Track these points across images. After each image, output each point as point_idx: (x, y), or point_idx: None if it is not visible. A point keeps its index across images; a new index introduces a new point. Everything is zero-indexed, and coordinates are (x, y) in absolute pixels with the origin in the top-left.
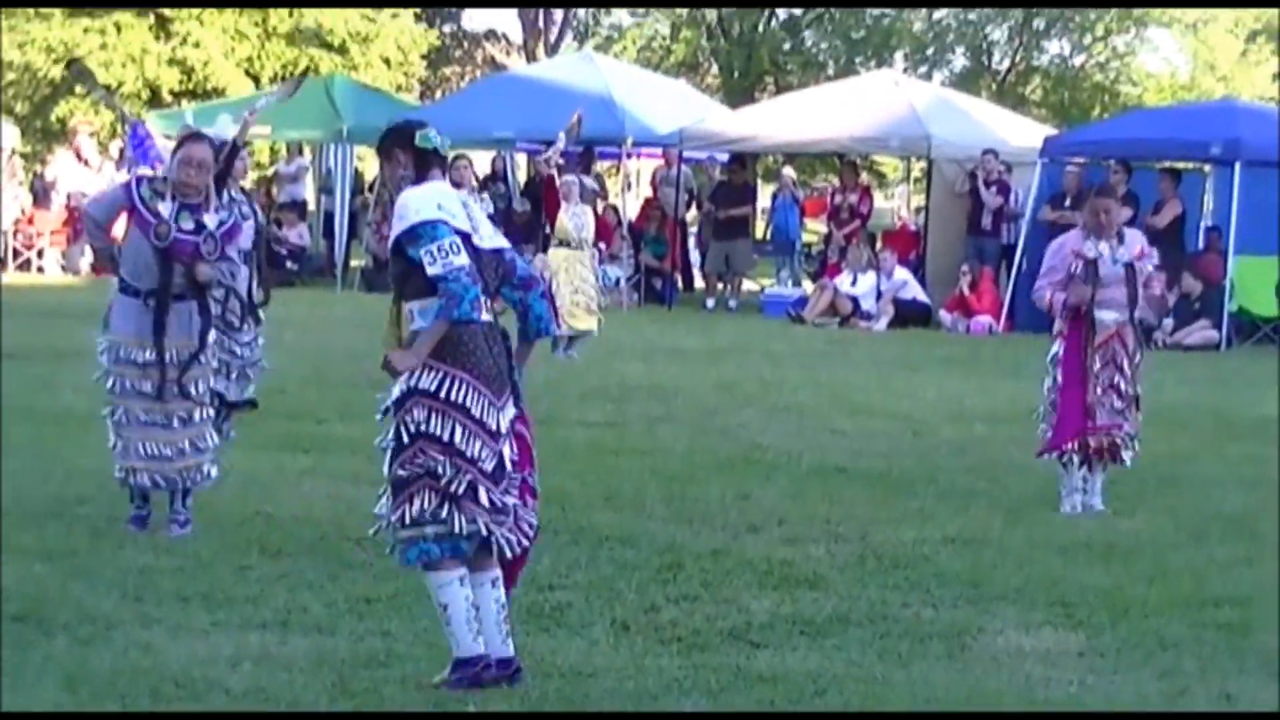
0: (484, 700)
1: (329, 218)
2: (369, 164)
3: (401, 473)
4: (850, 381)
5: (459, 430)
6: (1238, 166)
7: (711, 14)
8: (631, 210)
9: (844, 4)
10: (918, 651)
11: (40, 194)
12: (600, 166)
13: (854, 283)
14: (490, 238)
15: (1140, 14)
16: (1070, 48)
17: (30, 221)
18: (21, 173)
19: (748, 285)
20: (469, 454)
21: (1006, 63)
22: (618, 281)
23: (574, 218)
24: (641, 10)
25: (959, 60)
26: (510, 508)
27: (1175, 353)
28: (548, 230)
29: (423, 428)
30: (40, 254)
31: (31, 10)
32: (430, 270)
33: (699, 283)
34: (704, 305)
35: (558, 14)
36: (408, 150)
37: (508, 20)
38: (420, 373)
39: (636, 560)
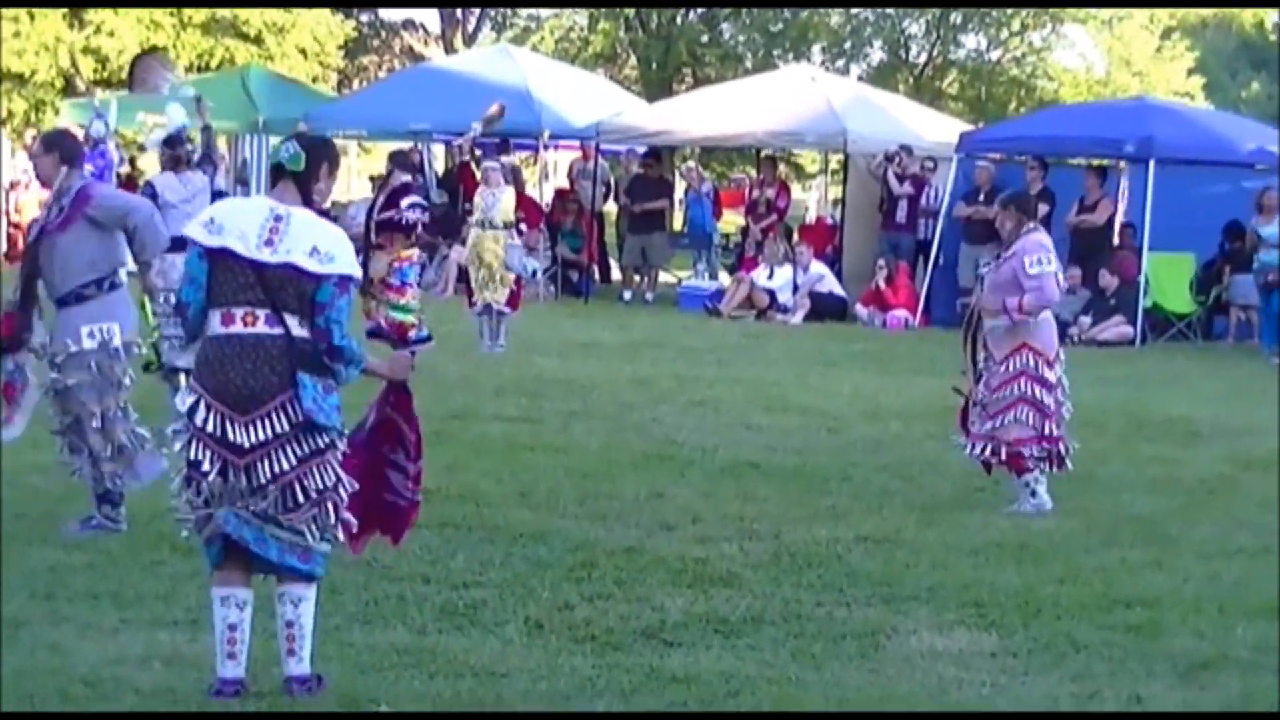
0: (395, 700)
1: None
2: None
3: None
4: (766, 377)
5: (193, 442)
6: (1152, 164)
7: (629, 7)
8: (547, 202)
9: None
10: (831, 651)
11: None
12: (517, 158)
13: (770, 276)
14: (288, 254)
15: (1056, 10)
16: (987, 42)
17: None
18: None
19: (664, 278)
20: (198, 463)
21: (924, 57)
22: (534, 274)
23: (483, 197)
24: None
25: (876, 54)
26: (235, 531)
27: (1091, 349)
28: (462, 220)
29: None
30: None
31: None
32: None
33: (615, 275)
34: (620, 298)
35: (475, 5)
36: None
37: (426, 11)
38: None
39: (550, 558)
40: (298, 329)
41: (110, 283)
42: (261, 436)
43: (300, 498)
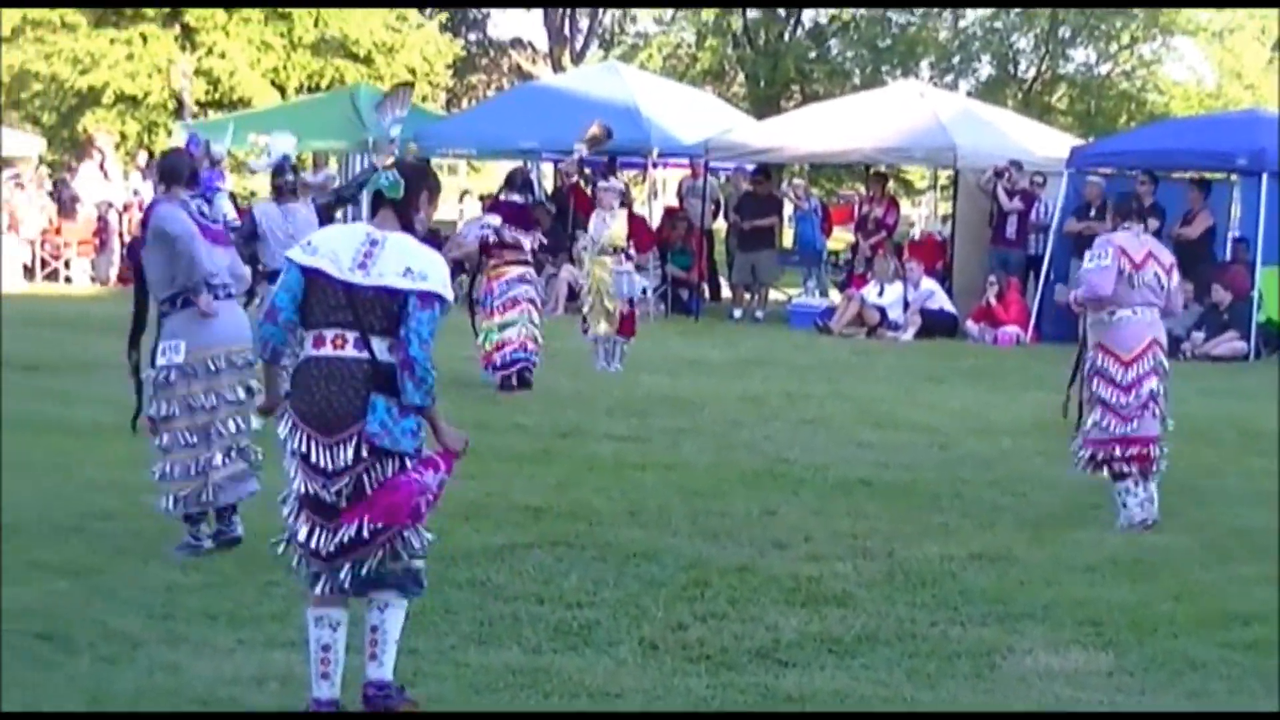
0: None
1: None
2: None
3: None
4: (876, 394)
5: (291, 463)
6: (1265, 177)
7: (737, 22)
8: (656, 220)
9: (881, 4)
10: (945, 671)
11: (67, 205)
12: (625, 176)
13: (881, 293)
14: (380, 277)
15: (1166, 22)
16: (1096, 56)
17: (57, 232)
18: (48, 183)
19: (774, 295)
20: (292, 482)
21: (1032, 71)
22: (645, 292)
23: (596, 220)
24: (667, 18)
25: (985, 69)
26: (320, 536)
27: (1204, 364)
28: (572, 240)
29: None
30: (67, 264)
31: (58, 21)
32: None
33: (725, 293)
34: (730, 316)
35: (584, 22)
36: (371, 192)
37: (533, 29)
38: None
39: (663, 577)
40: (384, 354)
41: (183, 300)
42: (346, 460)
43: (385, 520)
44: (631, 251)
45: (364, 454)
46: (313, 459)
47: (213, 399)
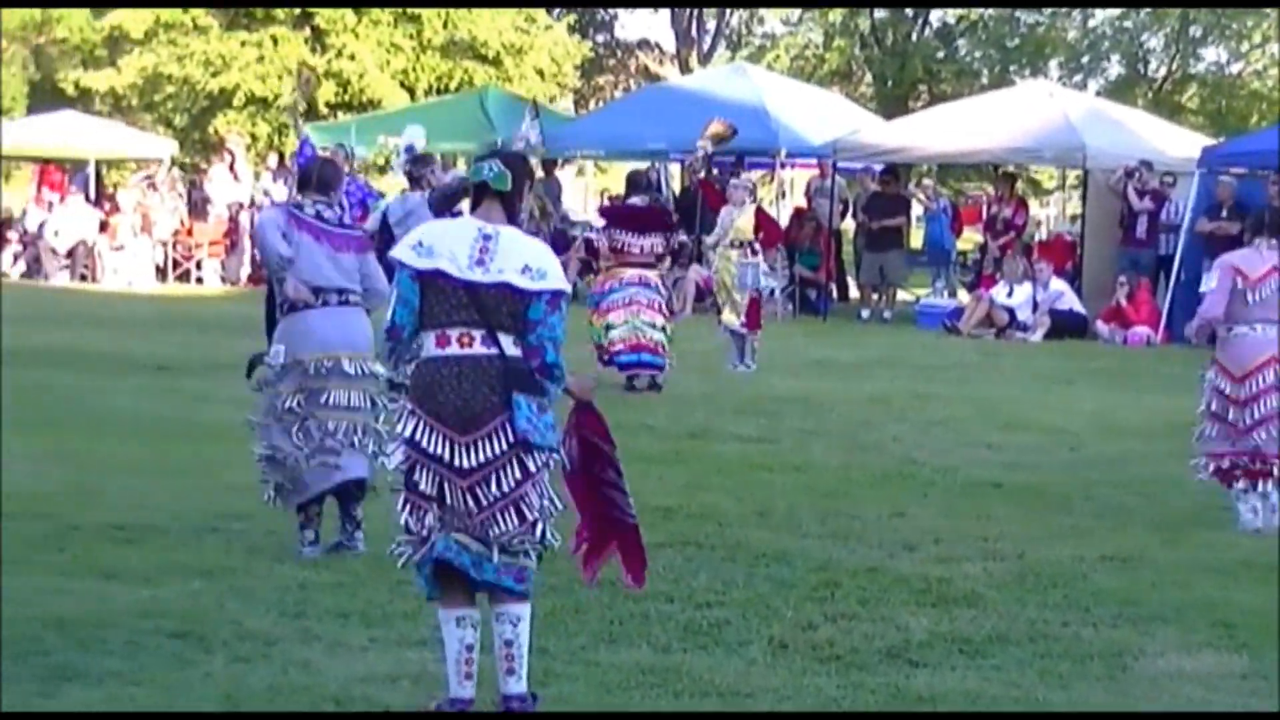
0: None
1: None
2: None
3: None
4: (1004, 395)
5: (409, 461)
6: None
7: (865, 23)
8: (784, 221)
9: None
10: (1077, 672)
11: (198, 206)
12: (754, 176)
13: (1010, 294)
14: (500, 273)
15: None
16: (1227, 55)
17: (189, 233)
18: (180, 185)
19: (902, 296)
20: (415, 482)
21: (1163, 71)
22: (772, 292)
23: (723, 217)
24: (794, 19)
25: (1114, 68)
26: (452, 554)
27: None
28: (698, 239)
29: (400, 467)
30: (199, 265)
31: (190, 24)
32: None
33: (853, 293)
34: (858, 316)
35: (711, 23)
36: (473, 183)
37: (661, 30)
38: (400, 410)
39: (792, 578)
40: (511, 348)
41: (291, 304)
42: (483, 458)
43: (517, 519)
44: (757, 245)
45: (501, 450)
46: (449, 458)
47: (311, 401)
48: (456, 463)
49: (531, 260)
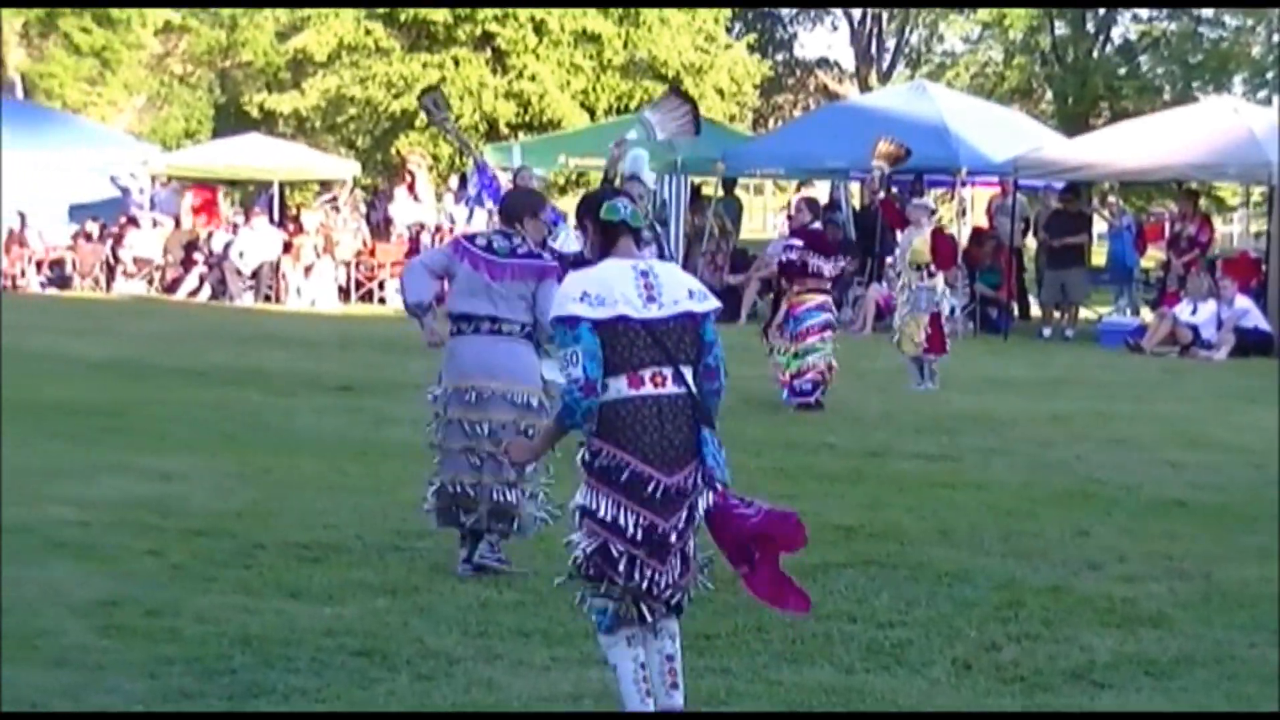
0: None
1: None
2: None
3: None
4: (1188, 413)
5: (607, 502)
6: None
7: (1045, 40)
8: (965, 239)
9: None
10: (1264, 694)
11: (380, 227)
12: (933, 195)
13: (1194, 311)
14: (675, 304)
15: None
16: None
17: (371, 253)
18: (362, 206)
19: (1085, 314)
20: (619, 525)
21: None
22: (953, 311)
23: (902, 240)
24: (975, 37)
25: None
26: (657, 584)
27: None
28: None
29: (583, 502)
30: (381, 285)
31: (373, 46)
32: (549, 375)
33: (1035, 311)
34: (1040, 334)
35: (890, 41)
36: (595, 222)
37: (840, 48)
38: (588, 449)
39: (975, 597)
40: (692, 382)
41: (457, 329)
42: (685, 494)
43: (694, 550)
44: (932, 268)
45: (696, 486)
46: (658, 497)
47: (454, 428)
48: (664, 502)
49: (689, 283)
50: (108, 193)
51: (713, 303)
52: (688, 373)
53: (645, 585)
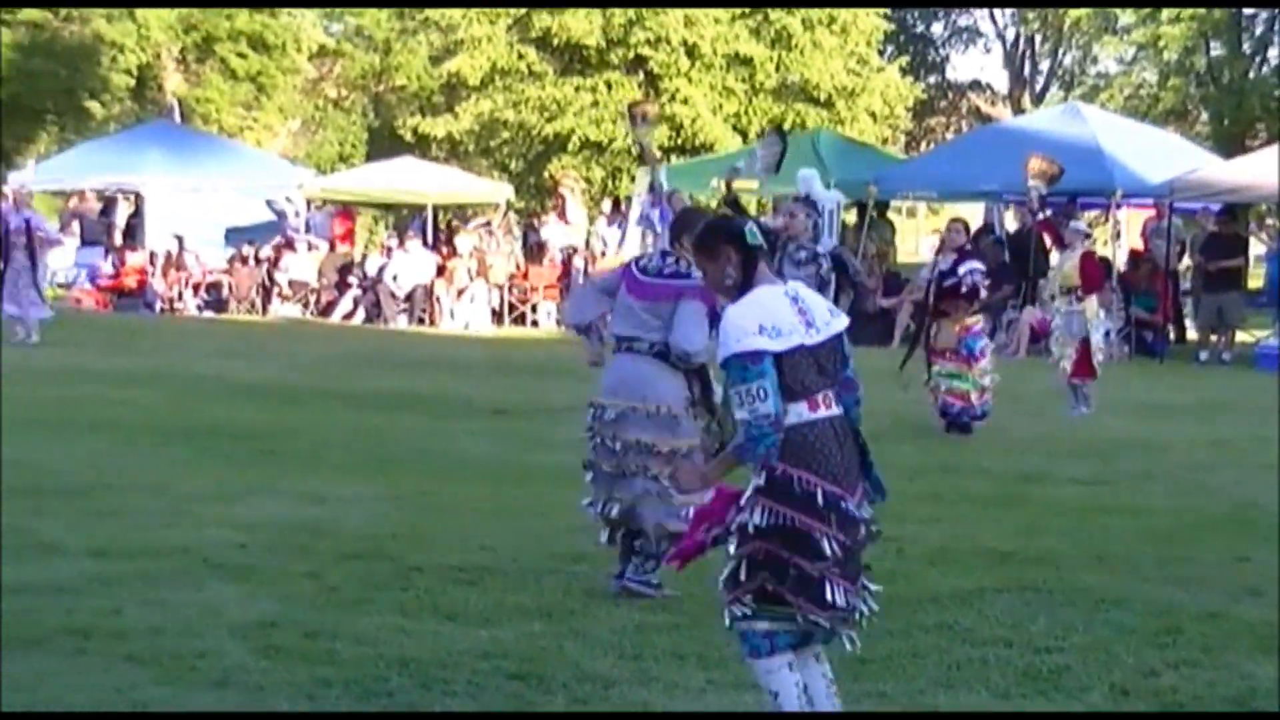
0: None
1: None
2: (851, 216)
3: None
4: None
5: (798, 525)
6: None
7: (1200, 61)
8: (1121, 262)
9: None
10: None
11: (534, 250)
12: (1088, 217)
13: None
14: (826, 326)
15: None
16: None
17: (524, 276)
18: (516, 229)
19: (1241, 337)
20: (819, 548)
21: None
22: (1107, 334)
23: (1054, 263)
24: (1129, 59)
25: None
26: (853, 604)
27: None
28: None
29: (761, 525)
30: (534, 309)
31: (525, 70)
32: (736, 413)
33: (1191, 335)
34: (1196, 358)
35: (1043, 64)
36: (739, 248)
37: (993, 71)
38: (769, 473)
39: (1132, 623)
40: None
41: (614, 348)
42: (866, 516)
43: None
44: (1080, 292)
45: (868, 503)
46: (848, 517)
47: (602, 447)
48: (853, 520)
49: (825, 303)
50: (263, 216)
51: (845, 319)
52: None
53: (841, 605)
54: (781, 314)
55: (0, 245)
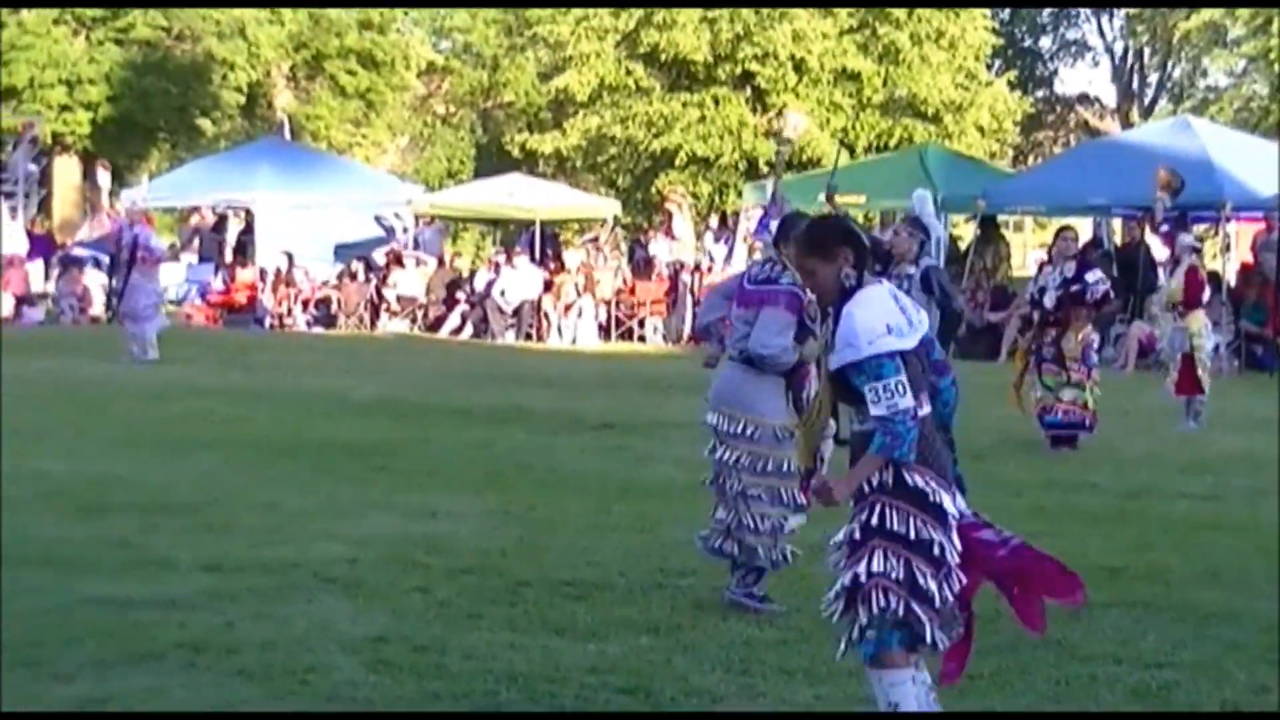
0: None
1: None
2: (963, 231)
3: (859, 571)
4: None
5: (925, 528)
6: None
7: None
8: (1231, 276)
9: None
10: None
11: (641, 265)
12: (1197, 230)
13: None
14: (921, 324)
15: None
16: None
17: (631, 292)
18: (623, 244)
19: None
20: (942, 551)
21: None
22: (1216, 348)
23: (1163, 277)
24: (1239, 71)
25: None
26: (952, 605)
27: None
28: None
29: (885, 525)
30: (641, 324)
31: (634, 86)
32: (873, 410)
33: None
34: None
35: (1152, 77)
36: (857, 248)
37: (1101, 84)
38: (887, 470)
39: (1243, 639)
40: None
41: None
42: (962, 508)
43: None
44: (1181, 309)
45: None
46: (955, 517)
47: (718, 454)
48: (960, 518)
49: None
50: (372, 232)
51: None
52: None
53: (949, 606)
54: (896, 313)
55: (117, 262)
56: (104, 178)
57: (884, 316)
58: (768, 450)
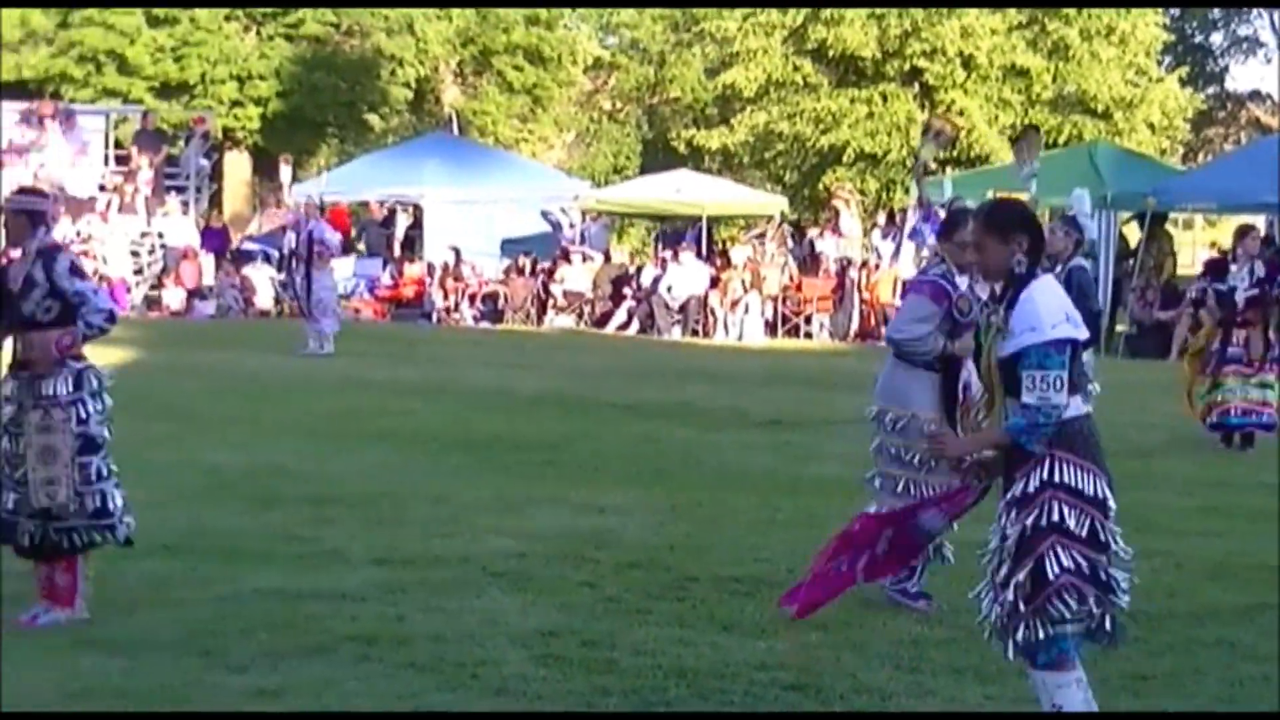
0: None
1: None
2: (1131, 229)
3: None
4: None
5: (1094, 524)
6: None
7: None
8: None
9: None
10: None
11: (807, 262)
12: None
13: None
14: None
15: None
16: None
17: (798, 288)
18: (790, 241)
19: None
20: (1108, 544)
21: None
22: None
23: None
24: None
25: None
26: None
27: None
28: None
29: (1061, 523)
30: (808, 320)
31: (801, 82)
32: (1025, 397)
33: None
34: None
35: None
36: (1034, 238)
37: (1273, 81)
38: (1056, 466)
39: None
40: None
41: None
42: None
43: None
44: None
45: None
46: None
47: (877, 450)
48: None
49: None
50: (539, 227)
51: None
52: None
53: (1123, 596)
54: (1070, 304)
55: (294, 257)
56: (285, 172)
57: (1063, 305)
58: (914, 443)
